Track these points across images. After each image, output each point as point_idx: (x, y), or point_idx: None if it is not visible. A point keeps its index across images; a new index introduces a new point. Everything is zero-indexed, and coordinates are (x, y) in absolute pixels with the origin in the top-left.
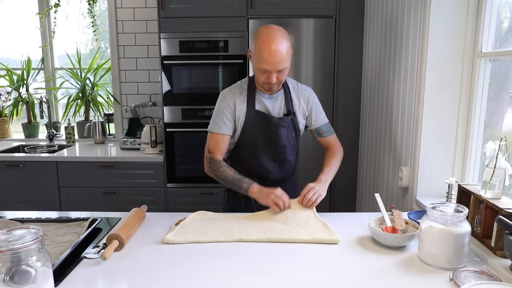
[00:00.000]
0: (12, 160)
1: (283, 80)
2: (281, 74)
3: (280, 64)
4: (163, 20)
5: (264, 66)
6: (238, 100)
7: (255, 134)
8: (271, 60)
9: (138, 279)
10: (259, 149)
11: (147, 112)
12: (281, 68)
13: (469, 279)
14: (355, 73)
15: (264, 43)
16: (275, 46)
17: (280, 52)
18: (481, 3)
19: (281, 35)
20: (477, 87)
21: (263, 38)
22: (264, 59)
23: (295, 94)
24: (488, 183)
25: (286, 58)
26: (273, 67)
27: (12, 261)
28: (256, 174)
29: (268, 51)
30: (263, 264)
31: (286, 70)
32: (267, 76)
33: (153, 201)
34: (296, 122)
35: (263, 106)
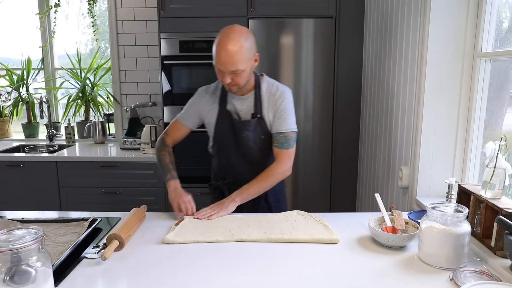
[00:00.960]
0: (12, 160)
1: (241, 83)
2: (236, 76)
3: (231, 66)
4: (163, 20)
5: (216, 65)
6: (211, 98)
7: (225, 134)
8: (223, 60)
9: (138, 279)
10: (229, 149)
11: (147, 112)
12: (233, 70)
13: (469, 279)
14: (355, 73)
15: (219, 43)
16: (229, 47)
17: (233, 53)
18: (481, 3)
19: (238, 36)
20: (477, 87)
21: (219, 38)
22: (217, 59)
23: (267, 95)
24: (488, 183)
25: (240, 60)
26: (225, 67)
27: (12, 261)
28: (230, 173)
29: (221, 51)
30: (263, 264)
31: (243, 73)
32: (222, 75)
33: (153, 201)
34: (265, 125)
35: (233, 107)
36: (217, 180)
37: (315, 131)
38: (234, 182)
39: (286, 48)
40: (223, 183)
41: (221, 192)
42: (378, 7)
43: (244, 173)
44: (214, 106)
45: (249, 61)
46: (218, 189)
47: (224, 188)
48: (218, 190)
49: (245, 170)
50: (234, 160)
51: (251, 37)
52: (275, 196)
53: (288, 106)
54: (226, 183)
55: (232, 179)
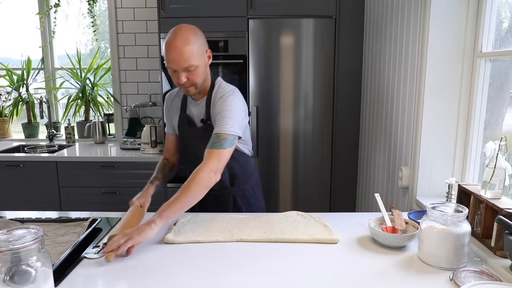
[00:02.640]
0: (12, 160)
1: (197, 81)
2: (191, 74)
3: (183, 62)
4: (163, 20)
5: (169, 64)
6: (174, 103)
7: (186, 139)
8: (173, 57)
9: (138, 279)
10: (190, 154)
11: (147, 112)
12: (186, 66)
13: (469, 279)
14: (355, 73)
15: (168, 41)
16: (178, 43)
17: (183, 49)
18: (481, 3)
19: (188, 33)
20: (477, 87)
21: (168, 37)
22: (168, 57)
23: (214, 99)
24: (488, 183)
25: (192, 55)
26: (177, 65)
27: (12, 261)
28: None
29: (170, 50)
30: (263, 264)
31: (197, 69)
32: (177, 76)
33: (153, 201)
34: None
35: (190, 111)
36: None
37: (315, 131)
38: None
39: (286, 48)
40: None
41: None
42: (378, 7)
43: None
44: (177, 110)
45: (201, 56)
46: None
47: None
48: None
49: None
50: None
51: (199, 32)
52: (246, 200)
53: (229, 108)
54: None
55: None
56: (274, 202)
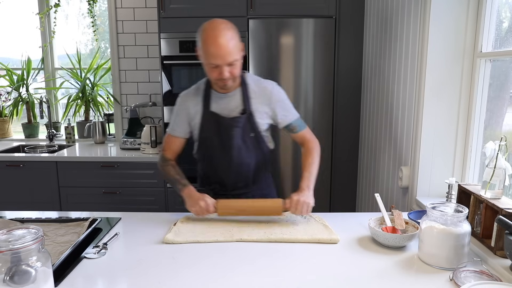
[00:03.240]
0: (12, 160)
1: (237, 74)
2: (232, 67)
3: (228, 56)
4: (163, 20)
5: (212, 60)
6: (193, 102)
7: (210, 137)
8: (219, 53)
9: (138, 279)
10: (214, 152)
11: (147, 112)
12: (230, 61)
13: (469, 279)
14: (355, 73)
15: (210, 37)
16: (221, 38)
17: (226, 43)
18: (481, 3)
19: (225, 27)
20: (477, 87)
21: (207, 32)
22: (211, 53)
23: (255, 91)
24: (488, 183)
25: (234, 49)
26: (222, 60)
27: (12, 261)
28: (215, 178)
29: (215, 45)
30: (263, 264)
31: (238, 63)
32: (218, 71)
33: (153, 201)
34: (254, 122)
35: (218, 106)
36: (203, 186)
37: (315, 131)
38: (220, 187)
39: (286, 48)
40: (209, 189)
41: None
42: (378, 7)
43: (229, 176)
44: (198, 108)
45: (240, 50)
46: None
47: (210, 194)
48: None
49: (229, 173)
50: (219, 162)
51: (233, 27)
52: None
53: (284, 96)
54: (212, 189)
55: (217, 185)
56: None
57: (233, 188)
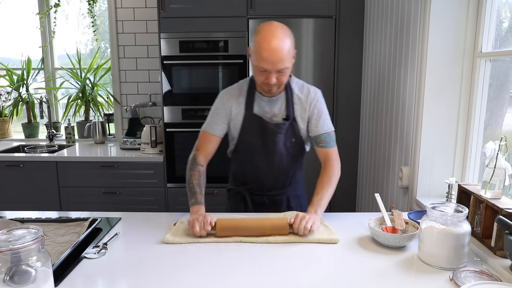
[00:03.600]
0: (12, 160)
1: (284, 82)
2: (281, 75)
3: (280, 64)
4: (163, 20)
5: (263, 65)
6: (236, 102)
7: (252, 139)
8: (271, 58)
9: (138, 279)
10: (255, 154)
11: (147, 112)
12: (281, 68)
13: (469, 279)
14: (355, 73)
15: (264, 40)
16: (276, 43)
17: (280, 50)
18: (481, 3)
19: (283, 32)
20: (477, 87)
21: (263, 34)
22: (263, 57)
23: (298, 96)
24: (488, 183)
25: (287, 57)
26: (273, 66)
27: (12, 261)
28: (252, 179)
29: (268, 49)
30: (263, 264)
31: (287, 70)
32: (266, 76)
33: (153, 201)
34: (296, 127)
35: (261, 109)
36: (237, 185)
37: None
38: (257, 187)
39: None
40: (245, 188)
41: (241, 197)
42: (378, 7)
43: (268, 178)
44: (241, 108)
45: (292, 58)
46: (239, 194)
47: (246, 194)
48: (239, 195)
49: (269, 175)
50: (259, 165)
51: (291, 33)
52: (298, 201)
53: (324, 106)
54: (248, 188)
55: (254, 185)
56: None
57: (270, 189)
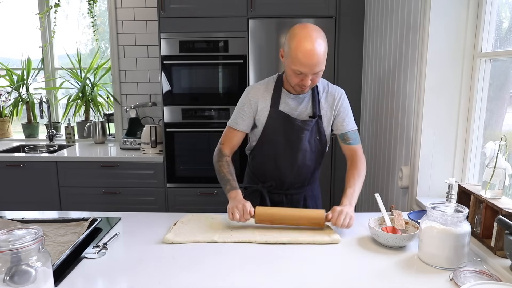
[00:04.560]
0: (12, 160)
1: (317, 83)
2: (316, 76)
3: (316, 67)
4: (163, 20)
5: (299, 68)
6: (262, 98)
7: (276, 135)
8: (308, 62)
9: (138, 279)
10: (279, 151)
11: (147, 112)
12: (317, 71)
13: (469, 279)
14: (355, 73)
15: (302, 44)
16: (313, 47)
17: (318, 54)
18: (481, 3)
19: (319, 36)
20: (477, 87)
21: (300, 38)
22: (300, 61)
23: (324, 95)
24: (488, 183)
25: (323, 60)
26: (310, 69)
27: (12, 261)
28: (273, 176)
29: (305, 53)
30: (263, 264)
31: (321, 72)
32: (301, 78)
33: (153, 201)
34: (321, 125)
35: (287, 106)
36: (256, 182)
37: None
38: (276, 185)
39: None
40: (263, 186)
41: (259, 195)
42: (378, 7)
43: (289, 176)
44: (266, 105)
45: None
46: (257, 192)
47: (264, 191)
48: (256, 193)
49: (290, 173)
50: (282, 162)
51: (324, 35)
52: (314, 201)
53: (348, 105)
54: (267, 186)
55: (274, 182)
56: None
57: (289, 187)
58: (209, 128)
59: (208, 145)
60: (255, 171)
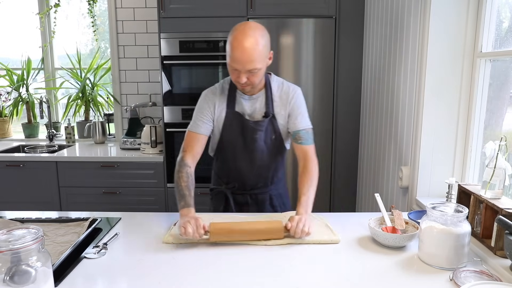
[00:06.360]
0: (12, 160)
1: (255, 82)
2: (252, 75)
3: (249, 64)
4: (163, 20)
5: (232, 64)
6: (218, 100)
7: (233, 137)
8: (240, 58)
9: (138, 279)
10: (237, 152)
11: (147, 112)
12: (250, 68)
13: (469, 279)
14: (355, 73)
15: (235, 40)
16: (246, 44)
17: (250, 51)
18: (481, 3)
19: (255, 33)
20: (477, 87)
21: (235, 34)
22: (232, 57)
23: (278, 93)
24: (488, 183)
25: (257, 58)
26: (242, 66)
27: (12, 261)
28: (235, 177)
29: (237, 49)
30: (264, 265)
31: (259, 71)
32: (237, 75)
33: (153, 201)
34: (276, 124)
35: (242, 107)
36: (220, 184)
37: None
38: (239, 186)
39: (286, 48)
40: (227, 188)
41: (223, 196)
42: (378, 7)
43: (250, 177)
44: (223, 107)
45: (265, 59)
46: (221, 193)
47: (228, 193)
48: (221, 194)
49: (251, 173)
50: (241, 163)
51: (266, 34)
52: (281, 199)
53: (303, 103)
54: (230, 187)
55: (236, 183)
56: None
57: (252, 187)
58: None
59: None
60: (219, 172)
